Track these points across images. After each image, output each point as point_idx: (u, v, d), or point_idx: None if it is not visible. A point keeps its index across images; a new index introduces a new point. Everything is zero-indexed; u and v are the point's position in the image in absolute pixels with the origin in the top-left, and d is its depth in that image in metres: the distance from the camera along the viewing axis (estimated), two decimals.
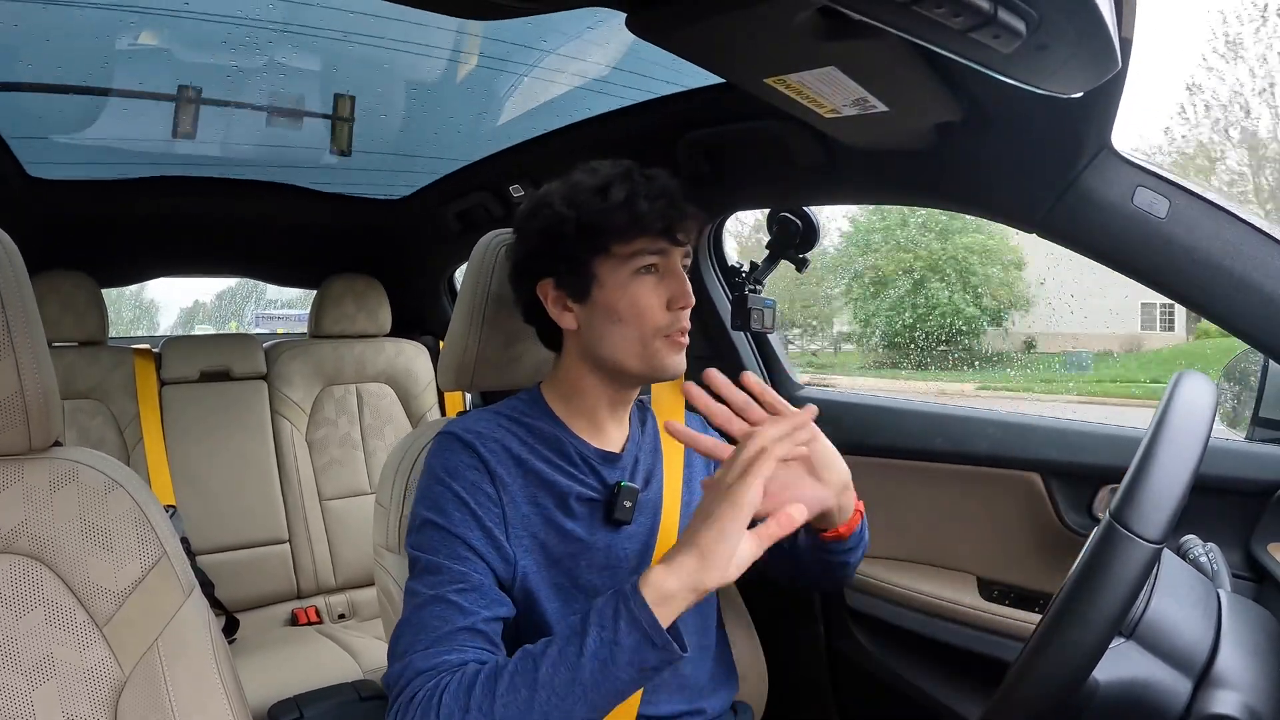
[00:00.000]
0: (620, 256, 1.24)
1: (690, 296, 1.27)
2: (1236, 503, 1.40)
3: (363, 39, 1.68)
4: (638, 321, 1.24)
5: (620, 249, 1.24)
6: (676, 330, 1.27)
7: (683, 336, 1.28)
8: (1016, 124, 1.31)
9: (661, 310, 1.25)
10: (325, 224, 3.06)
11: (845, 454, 1.87)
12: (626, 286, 1.25)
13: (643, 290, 1.25)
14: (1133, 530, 0.85)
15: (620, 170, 1.27)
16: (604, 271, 1.25)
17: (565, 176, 1.30)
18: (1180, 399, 0.92)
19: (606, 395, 1.33)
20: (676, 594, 1.00)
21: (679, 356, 1.28)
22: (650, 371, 1.28)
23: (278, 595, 2.73)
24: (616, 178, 1.25)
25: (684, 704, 1.34)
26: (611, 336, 1.26)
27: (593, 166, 1.29)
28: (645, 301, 1.24)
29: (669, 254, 1.27)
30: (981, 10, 0.80)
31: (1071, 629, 0.84)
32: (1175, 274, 1.27)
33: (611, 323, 1.25)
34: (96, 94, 1.87)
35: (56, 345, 2.58)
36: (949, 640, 1.70)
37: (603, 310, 1.26)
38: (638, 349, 1.25)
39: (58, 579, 1.03)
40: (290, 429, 2.82)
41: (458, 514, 1.18)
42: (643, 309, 1.24)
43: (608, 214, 1.23)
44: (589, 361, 1.31)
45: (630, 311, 1.24)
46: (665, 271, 1.27)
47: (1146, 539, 0.84)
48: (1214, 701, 0.88)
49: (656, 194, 1.23)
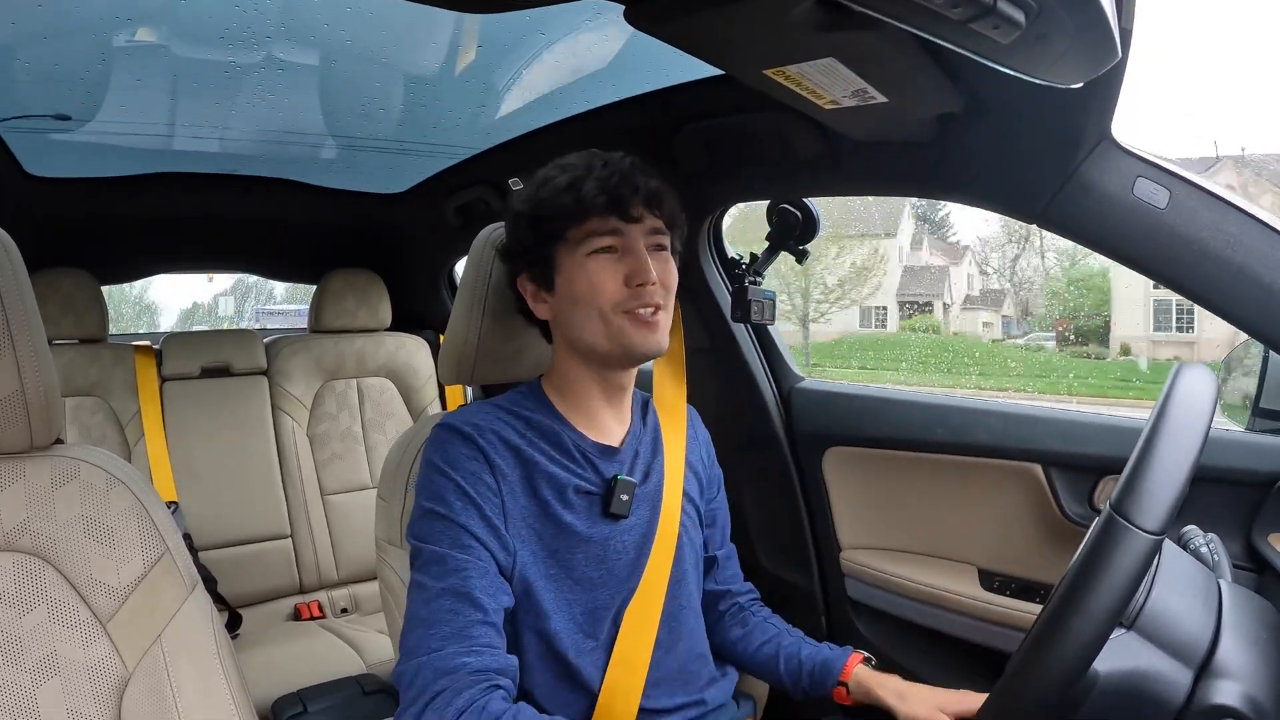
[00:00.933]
0: (572, 240, 1.25)
1: (648, 273, 1.24)
2: (1237, 493, 1.40)
3: (361, 32, 1.68)
4: (596, 300, 1.24)
5: (573, 233, 1.25)
6: (638, 305, 1.25)
7: (650, 314, 1.26)
8: (1016, 115, 1.31)
9: (618, 287, 1.24)
10: (325, 219, 3.06)
11: (846, 445, 1.89)
12: (581, 268, 1.25)
13: (598, 270, 1.24)
14: (1133, 522, 0.84)
15: (581, 159, 1.28)
16: (562, 257, 1.27)
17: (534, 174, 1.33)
18: (1180, 390, 0.92)
19: (597, 384, 1.33)
20: None
21: (649, 334, 1.26)
22: (619, 350, 1.26)
23: (280, 590, 2.74)
24: (573, 165, 1.27)
25: (684, 697, 1.35)
26: (576, 319, 1.27)
27: (560, 162, 1.31)
28: (599, 280, 1.24)
29: (624, 232, 1.25)
30: (981, 1, 0.79)
31: (1072, 621, 0.84)
32: (1175, 264, 1.27)
33: (573, 306, 1.26)
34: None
35: (57, 343, 2.58)
36: (950, 631, 1.70)
37: (566, 296, 1.27)
38: (601, 328, 1.25)
39: (60, 576, 1.03)
40: (291, 424, 2.82)
41: (459, 503, 1.19)
42: (597, 287, 1.24)
43: (555, 199, 1.25)
44: (571, 350, 1.32)
45: (586, 292, 1.24)
46: (624, 250, 1.26)
47: (1147, 530, 0.84)
48: (1215, 692, 0.88)
49: (607, 174, 1.24)
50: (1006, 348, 15.34)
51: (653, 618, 1.31)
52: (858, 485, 1.90)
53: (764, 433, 2.00)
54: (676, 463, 1.41)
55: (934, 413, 1.78)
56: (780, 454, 1.98)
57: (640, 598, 1.30)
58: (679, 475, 1.40)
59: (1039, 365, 13.61)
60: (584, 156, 1.29)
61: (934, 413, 1.78)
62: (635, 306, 1.24)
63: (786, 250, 1.85)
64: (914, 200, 18.19)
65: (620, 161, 1.26)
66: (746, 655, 1.49)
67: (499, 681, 1.09)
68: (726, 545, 1.56)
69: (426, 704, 1.06)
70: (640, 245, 1.26)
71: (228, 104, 2.03)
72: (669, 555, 1.34)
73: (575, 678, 1.25)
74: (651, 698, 1.29)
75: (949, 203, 1.74)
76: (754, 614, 1.53)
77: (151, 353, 2.74)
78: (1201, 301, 1.27)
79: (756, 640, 1.48)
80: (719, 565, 1.53)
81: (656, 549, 1.33)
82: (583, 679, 1.25)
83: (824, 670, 1.41)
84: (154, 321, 10.62)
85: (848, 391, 1.96)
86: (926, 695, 1.33)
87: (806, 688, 1.42)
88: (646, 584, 1.31)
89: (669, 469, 1.39)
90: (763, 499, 2.02)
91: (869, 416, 1.88)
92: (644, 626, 1.30)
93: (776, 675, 1.45)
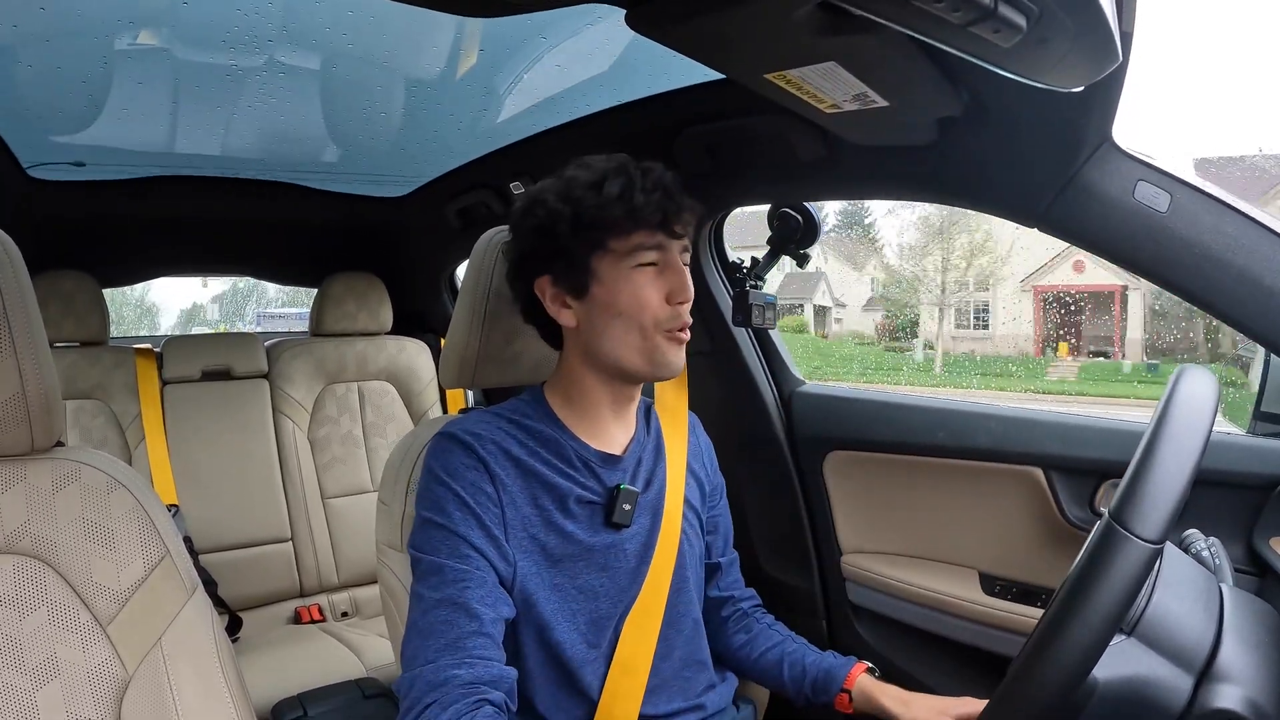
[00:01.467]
0: (618, 252, 1.23)
1: (690, 290, 1.25)
2: (1238, 497, 1.40)
3: (361, 36, 1.68)
4: (639, 316, 1.23)
5: (618, 244, 1.23)
6: (677, 325, 1.25)
7: (683, 333, 1.26)
8: (1017, 118, 1.31)
9: (662, 304, 1.24)
10: (326, 222, 3.06)
11: (847, 448, 1.88)
12: (626, 281, 1.23)
13: (642, 284, 1.23)
14: (1132, 531, 0.84)
15: (615, 164, 1.25)
16: (602, 267, 1.24)
17: (559, 172, 1.29)
18: (1181, 396, 0.92)
19: (608, 394, 1.32)
20: None
21: (680, 353, 1.27)
22: (651, 368, 1.26)
23: (280, 594, 2.74)
24: (611, 171, 1.23)
25: (683, 701, 1.35)
26: (612, 332, 1.24)
27: (587, 162, 1.28)
28: (645, 296, 1.23)
29: (667, 248, 1.25)
30: (982, 5, 0.79)
31: (1070, 628, 0.84)
32: (1176, 268, 1.27)
33: (611, 318, 1.24)
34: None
35: (58, 345, 2.58)
36: (951, 635, 1.70)
37: (602, 306, 1.24)
38: (638, 343, 1.24)
39: (61, 579, 1.03)
40: (292, 427, 2.82)
41: (458, 513, 1.18)
42: (643, 303, 1.23)
43: (603, 208, 1.21)
44: (589, 360, 1.29)
45: (630, 306, 1.23)
46: (664, 266, 1.25)
47: (1146, 539, 0.84)
48: (1216, 696, 0.88)
49: (653, 187, 1.21)
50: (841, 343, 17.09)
51: (653, 625, 1.31)
52: (858, 489, 1.90)
53: (765, 436, 2.00)
54: (678, 468, 1.41)
55: (934, 416, 1.78)
56: (781, 457, 1.98)
57: (641, 605, 1.30)
58: (680, 481, 1.40)
59: (842, 358, 15.45)
60: (618, 161, 1.26)
61: (934, 416, 1.78)
62: (675, 326, 1.25)
63: (787, 254, 1.85)
64: (842, 206, 19.43)
65: (663, 175, 1.24)
66: (750, 661, 1.49)
67: (489, 695, 1.08)
68: (729, 552, 1.56)
69: (417, 717, 1.06)
70: (680, 262, 1.27)
71: (229, 107, 2.03)
72: (670, 563, 1.34)
73: (576, 685, 1.25)
74: (650, 703, 1.29)
75: (950, 207, 1.74)
76: (757, 620, 1.53)
77: (153, 355, 2.74)
78: (1202, 305, 1.27)
79: (760, 647, 1.48)
80: (722, 572, 1.53)
81: (658, 557, 1.33)
82: (583, 686, 1.25)
83: (827, 678, 1.41)
84: (155, 324, 10.61)
85: (848, 395, 1.96)
86: (929, 701, 1.34)
87: (810, 695, 1.42)
88: (648, 591, 1.31)
89: (671, 475, 1.39)
90: (763, 502, 2.02)
91: (870, 420, 1.88)
92: (645, 634, 1.30)
93: (780, 682, 1.45)
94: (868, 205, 18.99)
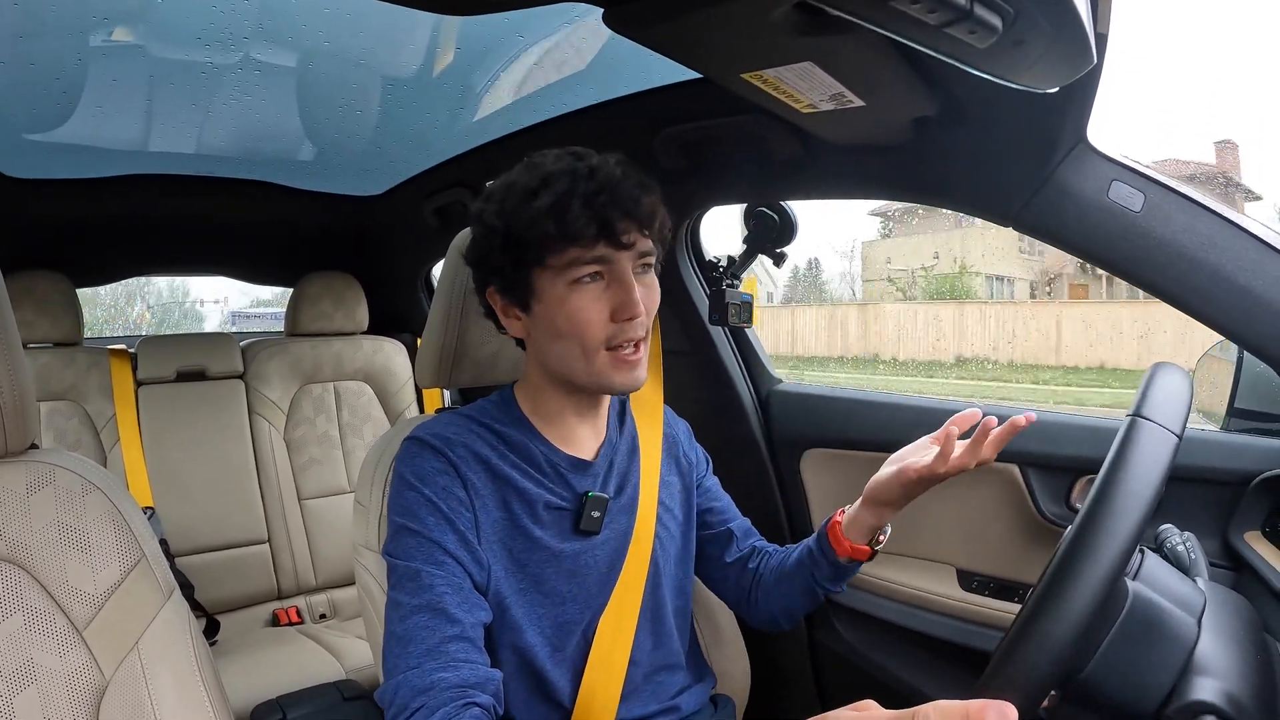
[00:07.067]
0: (554, 267, 1.15)
1: (636, 307, 1.16)
2: (1214, 492, 1.41)
3: (338, 34, 1.67)
4: (578, 336, 1.16)
5: (554, 260, 1.14)
6: (622, 342, 1.18)
7: (632, 352, 1.19)
8: (993, 118, 1.32)
9: (603, 322, 1.16)
10: (301, 221, 3.04)
11: (824, 446, 1.89)
12: (564, 300, 1.15)
13: (582, 302, 1.15)
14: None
15: (559, 167, 1.16)
16: (541, 284, 1.17)
17: (508, 172, 1.22)
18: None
19: (571, 403, 1.29)
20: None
21: (629, 373, 1.19)
22: (599, 388, 1.22)
23: (258, 596, 2.72)
24: (552, 177, 1.14)
25: (656, 704, 1.34)
26: (554, 351, 1.20)
27: (535, 160, 1.20)
28: (584, 315, 1.15)
29: (612, 260, 1.16)
30: (958, 6, 0.80)
31: (1049, 621, 0.84)
32: (1150, 267, 1.28)
33: (553, 338, 1.19)
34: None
35: (31, 346, 2.55)
36: (930, 631, 1.71)
37: (543, 323, 1.19)
38: (582, 365, 1.18)
39: (36, 583, 1.02)
40: (268, 428, 2.80)
41: (431, 519, 1.16)
42: (581, 323, 1.15)
43: (534, 224, 1.13)
44: (543, 369, 1.26)
45: (568, 326, 1.16)
46: (611, 279, 1.16)
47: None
48: (1195, 688, 0.89)
49: (594, 192, 1.12)
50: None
51: (628, 630, 1.30)
52: (836, 487, 1.91)
53: (742, 435, 2.00)
54: (652, 469, 1.38)
55: (912, 414, 1.79)
56: (758, 456, 1.99)
57: (614, 610, 1.29)
58: (654, 482, 1.37)
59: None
60: (564, 160, 1.17)
61: (912, 414, 1.79)
62: (620, 341, 1.17)
63: (764, 253, 1.85)
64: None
65: (610, 171, 1.15)
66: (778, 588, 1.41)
67: (476, 698, 1.06)
68: (739, 517, 1.50)
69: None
70: (629, 273, 1.17)
71: (205, 105, 2.02)
72: (644, 566, 1.32)
73: (546, 691, 1.24)
74: (625, 708, 1.28)
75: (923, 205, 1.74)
76: (767, 559, 1.46)
77: (127, 356, 2.72)
78: (1176, 303, 1.28)
79: (768, 578, 1.43)
80: (736, 539, 1.47)
81: (630, 562, 1.31)
82: (553, 692, 1.24)
83: (818, 541, 1.36)
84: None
85: (826, 394, 1.97)
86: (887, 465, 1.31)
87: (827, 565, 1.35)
88: (620, 597, 1.29)
89: (644, 477, 1.37)
90: (741, 501, 2.01)
91: (847, 418, 1.89)
92: (618, 639, 1.28)
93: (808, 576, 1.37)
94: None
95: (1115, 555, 0.84)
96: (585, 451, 1.32)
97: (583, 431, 1.33)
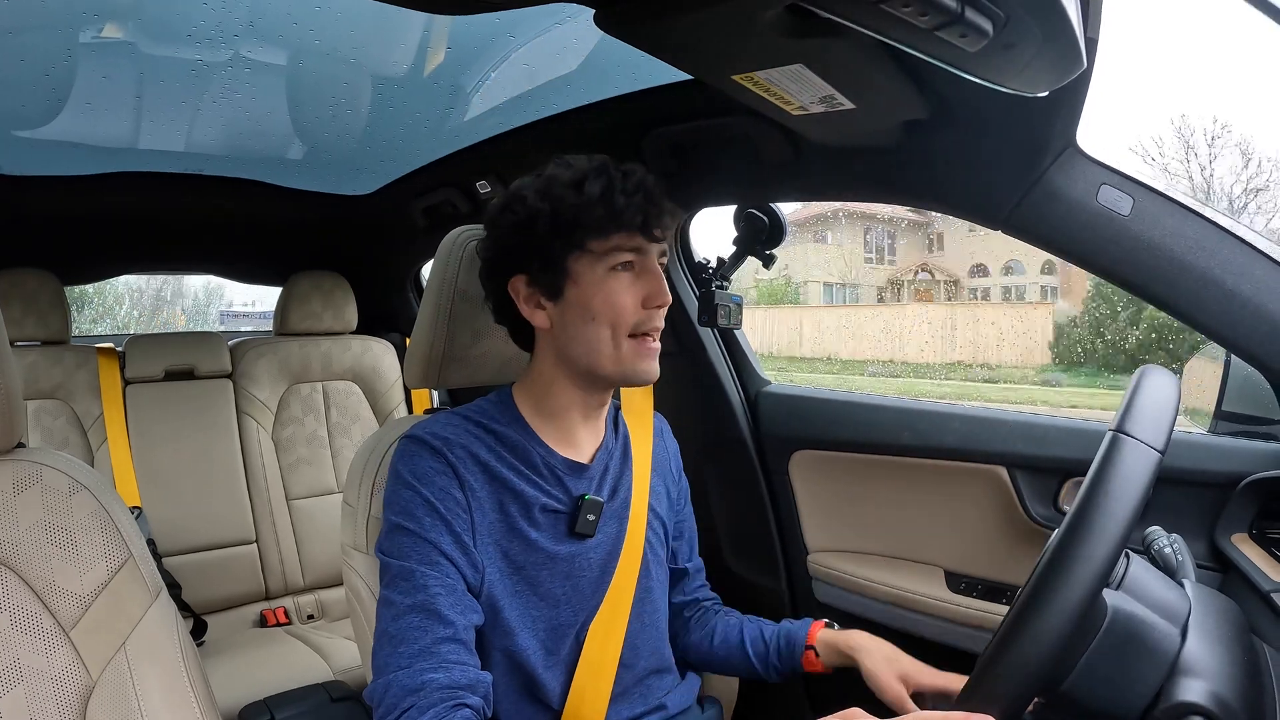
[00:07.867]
0: (596, 253, 1.20)
1: (666, 295, 1.23)
2: (1200, 495, 1.42)
3: (328, 32, 1.66)
4: (611, 319, 1.21)
5: (596, 245, 1.20)
6: (649, 330, 1.23)
7: (654, 340, 1.25)
8: (982, 122, 1.32)
9: (635, 308, 1.22)
10: (291, 220, 3.02)
11: (812, 448, 1.89)
12: (602, 283, 1.21)
13: (618, 287, 1.21)
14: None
15: (597, 164, 1.23)
16: (579, 268, 1.21)
17: (539, 171, 1.27)
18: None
19: (579, 399, 1.30)
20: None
21: (651, 362, 1.25)
22: (622, 375, 1.25)
23: (246, 596, 2.71)
24: (593, 172, 1.21)
25: (643, 705, 1.35)
26: (584, 335, 1.23)
27: (567, 160, 1.26)
28: (619, 299, 1.21)
29: (645, 251, 1.23)
30: (949, 9, 0.80)
31: (1026, 641, 0.84)
32: (1138, 270, 1.29)
33: (585, 321, 1.22)
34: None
35: (19, 345, 2.54)
36: (917, 632, 1.71)
37: (576, 308, 1.22)
38: (610, 350, 1.22)
39: (23, 583, 1.01)
40: (256, 428, 2.79)
41: (428, 519, 1.16)
42: (617, 306, 1.20)
43: (584, 209, 1.19)
44: (562, 363, 1.28)
45: (604, 309, 1.21)
46: (641, 269, 1.23)
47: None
48: (1182, 690, 0.89)
49: (634, 189, 1.19)
50: None
51: (618, 633, 1.30)
52: (824, 488, 1.91)
53: (731, 436, 2.00)
54: (644, 474, 1.40)
55: (900, 416, 1.79)
56: (747, 457, 1.99)
57: (605, 613, 1.30)
58: (645, 488, 1.39)
59: None
60: (599, 161, 1.24)
61: (900, 416, 1.79)
62: (647, 329, 1.23)
63: (754, 255, 1.85)
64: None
65: (644, 177, 1.22)
66: (709, 651, 1.49)
67: (466, 699, 1.07)
68: (695, 559, 1.56)
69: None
70: (656, 266, 1.25)
71: (194, 103, 2.01)
72: (635, 570, 1.33)
73: (537, 694, 1.24)
74: (614, 710, 1.29)
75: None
76: (714, 613, 1.53)
77: (115, 355, 2.70)
78: (1164, 306, 1.29)
79: (719, 634, 1.48)
80: (688, 577, 1.53)
81: (622, 565, 1.32)
82: (544, 695, 1.24)
83: (789, 641, 1.42)
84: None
85: (814, 395, 1.97)
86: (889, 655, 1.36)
87: (777, 664, 1.43)
88: (612, 600, 1.31)
89: (636, 482, 1.38)
90: (730, 502, 2.03)
91: (835, 420, 1.89)
92: (609, 642, 1.29)
93: (746, 659, 1.45)
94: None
95: (1091, 575, 0.84)
96: (582, 454, 1.33)
97: (582, 433, 1.34)
